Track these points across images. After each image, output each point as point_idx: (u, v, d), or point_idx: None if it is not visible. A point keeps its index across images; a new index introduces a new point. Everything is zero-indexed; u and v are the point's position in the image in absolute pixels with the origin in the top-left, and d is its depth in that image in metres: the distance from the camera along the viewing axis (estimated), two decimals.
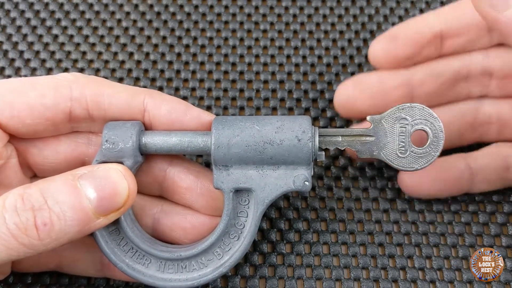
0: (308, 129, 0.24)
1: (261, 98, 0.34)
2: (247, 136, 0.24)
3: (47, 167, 0.26)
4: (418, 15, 0.36)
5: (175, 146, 0.25)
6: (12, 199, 0.21)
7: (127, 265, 0.25)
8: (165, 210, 0.27)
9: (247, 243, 0.25)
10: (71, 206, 0.21)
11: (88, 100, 0.24)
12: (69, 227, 0.21)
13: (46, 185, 0.22)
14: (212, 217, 0.26)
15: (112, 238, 0.25)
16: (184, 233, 0.26)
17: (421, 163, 0.24)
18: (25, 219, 0.21)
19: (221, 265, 0.25)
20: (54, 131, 0.25)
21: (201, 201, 0.26)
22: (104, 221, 0.23)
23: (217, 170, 0.25)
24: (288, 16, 0.37)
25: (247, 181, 0.25)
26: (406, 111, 0.24)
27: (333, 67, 0.35)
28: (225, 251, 0.25)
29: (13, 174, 0.25)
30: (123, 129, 0.25)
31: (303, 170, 0.25)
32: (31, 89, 0.24)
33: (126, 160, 0.24)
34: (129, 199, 0.23)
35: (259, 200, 0.25)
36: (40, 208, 0.21)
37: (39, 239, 0.21)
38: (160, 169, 0.26)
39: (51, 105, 0.24)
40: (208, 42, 0.36)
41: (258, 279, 0.28)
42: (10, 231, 0.20)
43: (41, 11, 0.36)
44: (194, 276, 0.25)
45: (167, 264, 0.25)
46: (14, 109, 0.23)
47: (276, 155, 0.24)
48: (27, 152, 0.25)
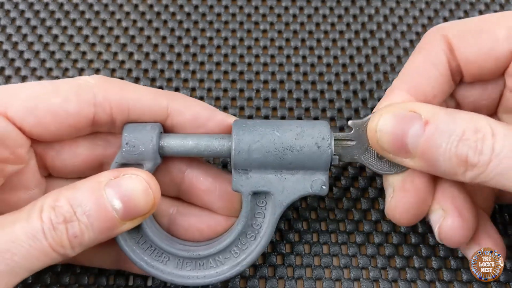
0: (327, 136, 0.24)
1: (261, 98, 0.34)
2: (268, 142, 0.24)
3: (65, 168, 0.26)
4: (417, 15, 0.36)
5: (192, 150, 0.25)
6: (47, 212, 0.21)
7: (146, 262, 0.25)
8: (181, 211, 0.27)
9: (264, 243, 0.25)
10: (98, 217, 0.22)
11: (112, 105, 0.24)
12: (96, 235, 0.22)
13: (73, 195, 0.22)
14: (228, 218, 0.27)
15: (131, 237, 0.25)
16: (200, 234, 0.27)
17: (400, 167, 0.25)
18: (60, 233, 0.21)
19: (238, 263, 0.25)
20: (75, 135, 0.25)
21: (219, 203, 0.26)
22: (130, 225, 0.23)
23: (236, 174, 0.25)
24: (288, 16, 0.37)
25: (266, 185, 0.25)
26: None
27: (333, 67, 0.35)
28: (242, 250, 0.25)
29: (31, 176, 0.25)
30: (143, 132, 0.24)
31: (320, 175, 0.25)
32: (54, 95, 0.24)
33: (146, 162, 0.25)
34: (154, 206, 0.24)
35: (277, 203, 0.25)
36: (71, 219, 0.21)
37: (71, 248, 0.22)
38: (178, 170, 0.27)
39: (75, 111, 0.24)
40: (208, 42, 0.36)
41: (258, 279, 0.28)
42: (51, 245, 0.21)
43: (41, 11, 0.36)
44: (211, 273, 0.25)
45: (185, 261, 0.25)
46: (37, 116, 0.23)
47: (295, 161, 0.24)
48: (45, 154, 0.25)
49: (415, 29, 0.36)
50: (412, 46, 0.35)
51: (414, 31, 0.36)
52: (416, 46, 0.26)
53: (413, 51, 0.26)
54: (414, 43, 0.35)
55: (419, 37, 0.36)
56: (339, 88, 0.34)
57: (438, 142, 0.22)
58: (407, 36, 0.36)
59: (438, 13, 0.37)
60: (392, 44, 0.36)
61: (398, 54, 0.35)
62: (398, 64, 0.35)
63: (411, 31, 0.36)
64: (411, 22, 0.36)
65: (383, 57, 0.35)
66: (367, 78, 0.34)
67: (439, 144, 0.21)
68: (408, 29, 0.36)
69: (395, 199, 0.25)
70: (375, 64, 0.35)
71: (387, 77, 0.34)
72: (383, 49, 0.35)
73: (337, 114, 0.33)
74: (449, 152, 0.21)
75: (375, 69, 0.35)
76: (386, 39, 0.36)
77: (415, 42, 0.35)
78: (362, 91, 0.34)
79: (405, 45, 0.35)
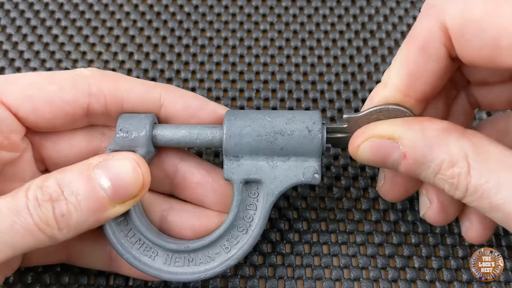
0: (318, 120, 0.25)
1: (261, 98, 0.34)
2: (259, 126, 0.25)
3: (61, 160, 0.26)
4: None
5: (185, 138, 0.25)
6: (33, 191, 0.21)
7: (134, 257, 0.25)
8: (174, 207, 0.27)
9: (256, 235, 0.25)
10: (87, 196, 0.22)
11: (106, 96, 0.25)
12: (85, 216, 0.22)
13: (62, 176, 0.22)
14: (221, 215, 0.27)
15: (120, 229, 0.25)
16: (192, 231, 0.27)
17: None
18: (45, 211, 0.21)
19: (229, 258, 0.25)
20: (71, 125, 0.25)
21: (211, 197, 0.26)
22: (120, 209, 0.23)
23: (227, 161, 0.25)
24: (288, 16, 0.37)
25: (257, 172, 0.25)
26: (383, 113, 0.24)
27: (333, 67, 0.35)
28: (233, 245, 0.25)
29: (27, 167, 0.25)
30: (137, 119, 0.25)
31: (312, 162, 0.25)
32: (50, 83, 0.24)
33: (139, 149, 0.25)
34: (143, 187, 0.23)
35: (269, 192, 0.25)
36: (58, 199, 0.21)
37: (58, 229, 0.21)
38: (171, 164, 0.27)
39: (70, 99, 0.24)
40: (208, 42, 0.36)
41: (258, 279, 0.28)
42: (35, 222, 0.21)
43: (41, 11, 0.36)
44: (200, 269, 0.25)
45: (174, 257, 0.25)
46: (33, 103, 0.24)
47: (286, 145, 0.25)
48: (41, 146, 0.26)
49: None
50: None
51: None
52: (409, 32, 0.23)
53: (406, 38, 0.23)
54: None
55: None
56: (339, 88, 0.34)
57: (417, 172, 0.22)
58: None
59: None
60: (392, 44, 0.35)
61: None
62: None
63: None
64: (411, 22, 0.36)
65: (383, 57, 0.35)
66: (367, 78, 0.34)
67: (418, 173, 0.22)
68: (408, 29, 0.36)
69: (385, 187, 0.27)
70: (375, 64, 0.35)
71: None
72: (383, 49, 0.35)
73: (337, 114, 0.33)
74: (428, 180, 0.22)
75: (375, 69, 0.35)
76: (386, 39, 0.36)
77: None
78: (362, 91, 0.34)
79: None
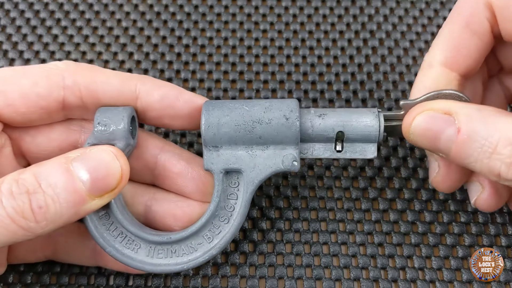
0: (295, 108, 0.25)
1: (261, 98, 0.34)
2: (237, 115, 0.25)
3: (41, 154, 0.26)
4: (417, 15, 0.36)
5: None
6: (7, 184, 0.21)
7: (116, 250, 0.25)
8: (157, 197, 0.27)
9: (237, 224, 0.25)
10: (65, 189, 0.21)
11: (81, 88, 0.25)
12: (64, 209, 0.21)
13: (40, 169, 0.22)
14: (202, 204, 0.27)
15: (102, 223, 0.25)
16: (175, 220, 0.27)
17: None
18: (21, 203, 0.21)
19: (211, 248, 0.25)
20: (48, 119, 0.25)
21: (191, 186, 0.27)
22: (99, 202, 0.23)
23: (207, 151, 0.25)
24: (288, 16, 0.37)
25: (237, 162, 0.25)
26: (440, 97, 0.24)
27: (333, 67, 0.35)
28: (215, 234, 0.25)
29: (7, 163, 0.25)
30: (115, 112, 0.25)
31: (291, 149, 0.25)
32: (24, 77, 0.24)
33: (118, 142, 0.25)
34: (122, 179, 0.23)
35: (249, 180, 0.25)
36: (35, 191, 0.21)
37: (36, 221, 0.21)
38: (151, 155, 0.27)
39: (44, 93, 0.24)
40: (208, 42, 0.36)
41: (258, 279, 0.28)
42: (9, 214, 0.20)
43: (41, 11, 0.36)
44: (183, 260, 0.25)
45: (156, 249, 0.25)
46: (7, 97, 0.24)
47: (264, 134, 0.25)
48: (20, 140, 0.26)
49: (415, 29, 0.36)
50: (412, 46, 0.35)
51: (414, 31, 0.36)
52: (452, 10, 0.26)
53: (449, 15, 0.26)
54: (414, 43, 0.35)
55: (419, 37, 0.36)
56: (339, 88, 0.34)
57: (469, 152, 0.22)
58: (407, 36, 0.36)
59: (438, 13, 0.37)
60: (392, 44, 0.35)
61: (398, 54, 0.35)
62: (398, 64, 0.35)
63: (411, 31, 0.36)
64: (411, 22, 0.36)
65: (383, 57, 0.35)
66: (367, 78, 0.34)
67: (471, 154, 0.22)
68: (408, 29, 0.36)
69: (440, 175, 0.26)
70: (375, 64, 0.35)
71: (387, 77, 0.34)
72: (383, 49, 0.35)
73: None
74: (481, 162, 0.21)
75: (375, 69, 0.35)
76: (386, 39, 0.36)
77: (415, 42, 0.35)
78: (362, 91, 0.34)
79: (405, 45, 0.35)
